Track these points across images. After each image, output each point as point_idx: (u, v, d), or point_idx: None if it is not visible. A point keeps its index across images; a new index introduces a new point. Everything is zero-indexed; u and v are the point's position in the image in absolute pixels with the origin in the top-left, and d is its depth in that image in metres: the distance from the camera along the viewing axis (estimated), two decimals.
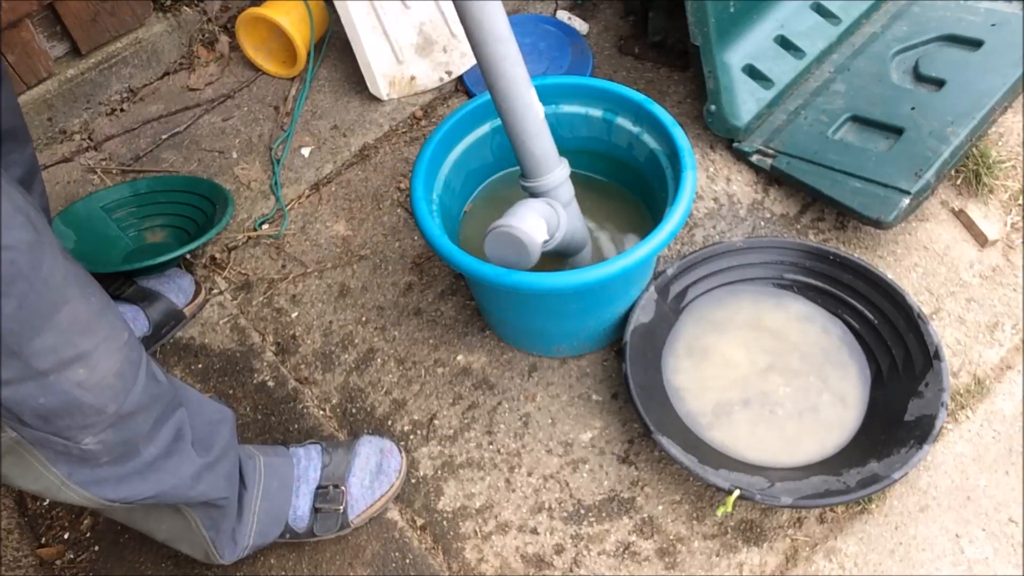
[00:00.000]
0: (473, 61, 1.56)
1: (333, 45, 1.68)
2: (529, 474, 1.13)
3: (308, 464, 1.07)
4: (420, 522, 1.11)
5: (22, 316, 0.67)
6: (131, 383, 0.78)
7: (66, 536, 1.14)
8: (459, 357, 1.24)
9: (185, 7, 1.63)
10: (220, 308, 1.33)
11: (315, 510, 1.05)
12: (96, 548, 1.12)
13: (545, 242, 0.98)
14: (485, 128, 1.17)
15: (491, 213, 1.20)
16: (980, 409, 1.15)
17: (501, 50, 0.89)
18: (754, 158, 1.35)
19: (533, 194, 1.02)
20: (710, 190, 1.36)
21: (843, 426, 1.11)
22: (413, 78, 1.55)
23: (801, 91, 1.41)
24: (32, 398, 0.70)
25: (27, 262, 0.67)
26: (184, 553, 0.97)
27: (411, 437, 1.17)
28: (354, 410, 1.21)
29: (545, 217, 0.98)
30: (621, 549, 1.06)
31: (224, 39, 1.67)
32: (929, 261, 1.28)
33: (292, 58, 1.63)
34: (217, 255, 1.38)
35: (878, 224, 1.21)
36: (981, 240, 1.29)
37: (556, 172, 0.99)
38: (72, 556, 1.12)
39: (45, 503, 1.16)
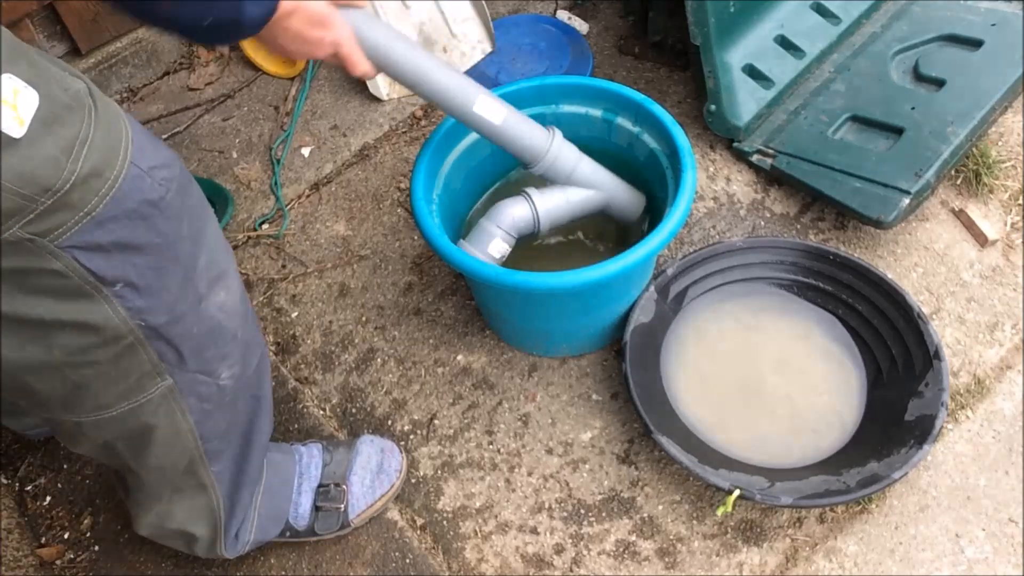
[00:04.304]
0: (474, 60, 1.56)
1: None
2: (529, 474, 1.13)
3: (310, 462, 1.07)
4: (420, 522, 1.11)
5: (191, 234, 0.70)
6: (247, 308, 0.81)
7: (66, 536, 1.14)
8: (459, 357, 1.24)
9: None
10: None
11: (316, 508, 1.06)
12: (96, 548, 1.12)
13: (521, 240, 1.07)
14: None
15: None
16: (980, 409, 1.15)
17: (460, 99, 0.96)
18: (754, 158, 1.35)
19: (537, 175, 1.09)
20: (710, 190, 1.36)
21: (843, 426, 1.11)
22: None
23: (801, 91, 1.41)
24: (190, 327, 0.72)
25: (186, 181, 0.70)
26: (184, 548, 0.97)
27: (411, 437, 1.17)
28: (354, 410, 1.21)
29: (511, 225, 1.05)
30: (621, 549, 1.06)
31: None
32: (929, 261, 1.28)
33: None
34: None
35: (878, 224, 1.21)
36: (981, 240, 1.29)
37: (549, 153, 1.04)
38: (72, 556, 1.12)
39: (45, 503, 1.16)
